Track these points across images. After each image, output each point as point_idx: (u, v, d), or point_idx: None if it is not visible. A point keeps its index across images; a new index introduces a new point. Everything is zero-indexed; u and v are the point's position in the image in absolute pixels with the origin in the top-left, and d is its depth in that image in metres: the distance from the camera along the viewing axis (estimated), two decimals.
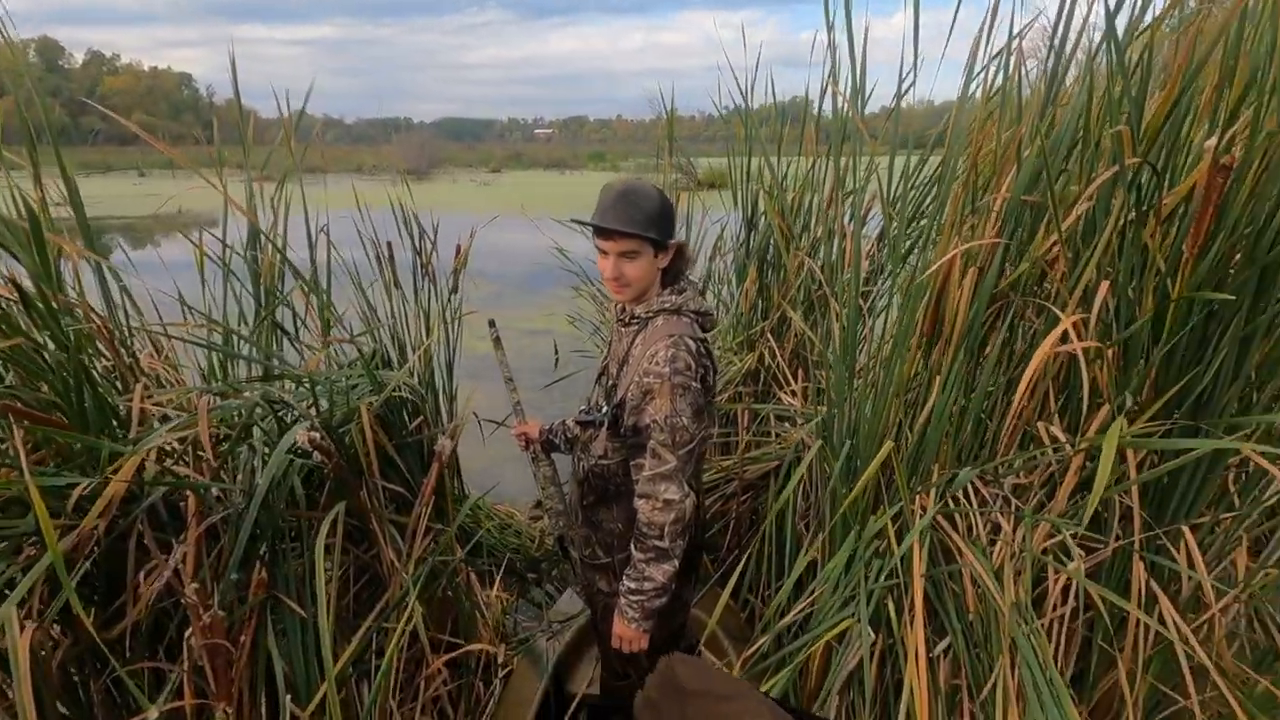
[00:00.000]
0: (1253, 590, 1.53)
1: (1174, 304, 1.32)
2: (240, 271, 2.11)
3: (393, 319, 2.32)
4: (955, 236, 1.66)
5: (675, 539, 1.39)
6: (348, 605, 1.81)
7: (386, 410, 1.85)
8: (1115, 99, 1.32)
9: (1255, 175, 1.26)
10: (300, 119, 2.32)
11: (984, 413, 1.72)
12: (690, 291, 1.47)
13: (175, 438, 1.31)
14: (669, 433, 1.35)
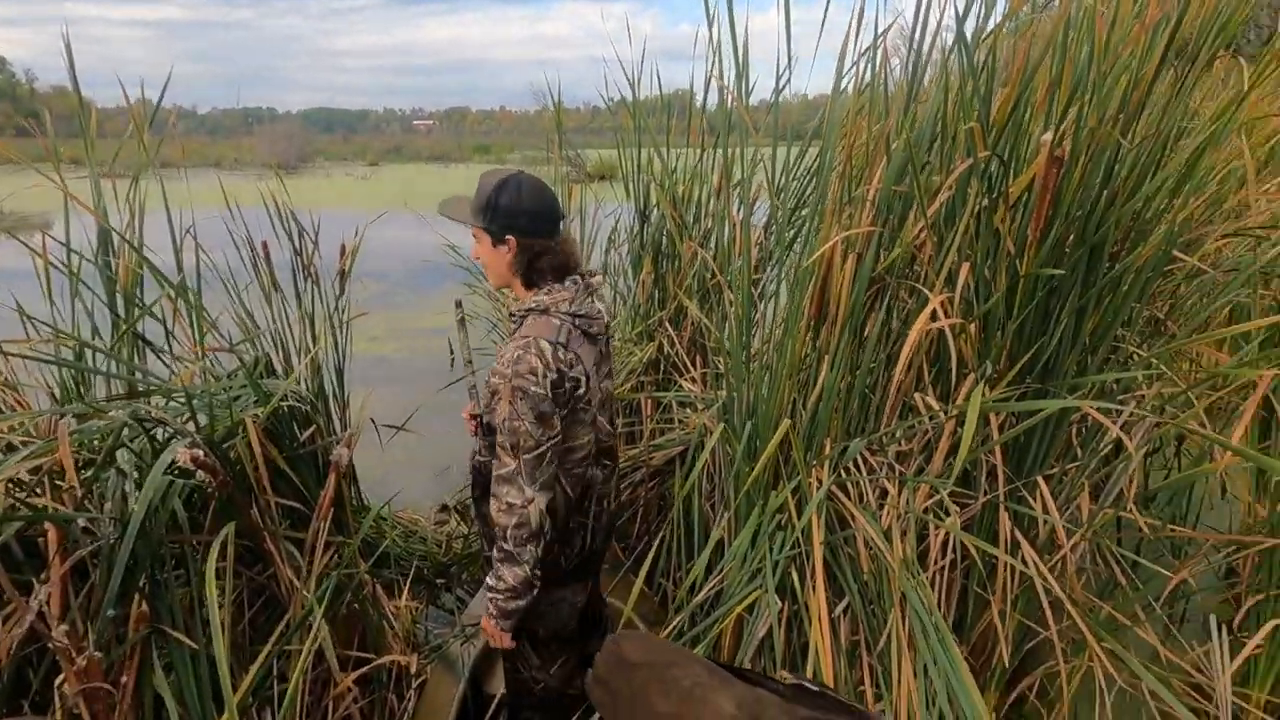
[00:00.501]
0: (1095, 529, 1.75)
1: (1022, 281, 1.48)
2: (90, 279, 1.91)
3: (274, 325, 2.18)
4: (835, 225, 1.78)
5: (520, 544, 1.40)
6: (243, 631, 1.70)
7: (274, 422, 1.75)
8: (967, 98, 1.46)
9: (1082, 166, 1.43)
10: (157, 110, 2.13)
11: (868, 388, 1.85)
12: (568, 292, 1.44)
13: (27, 468, 1.18)
14: (508, 435, 1.36)
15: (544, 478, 1.39)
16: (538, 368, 1.35)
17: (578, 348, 1.43)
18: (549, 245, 1.43)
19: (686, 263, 2.77)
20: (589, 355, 1.46)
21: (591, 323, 1.46)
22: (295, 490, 1.79)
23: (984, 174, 1.53)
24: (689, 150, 3.01)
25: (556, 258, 1.45)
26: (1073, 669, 1.77)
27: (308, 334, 2.26)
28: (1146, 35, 1.33)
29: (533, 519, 1.39)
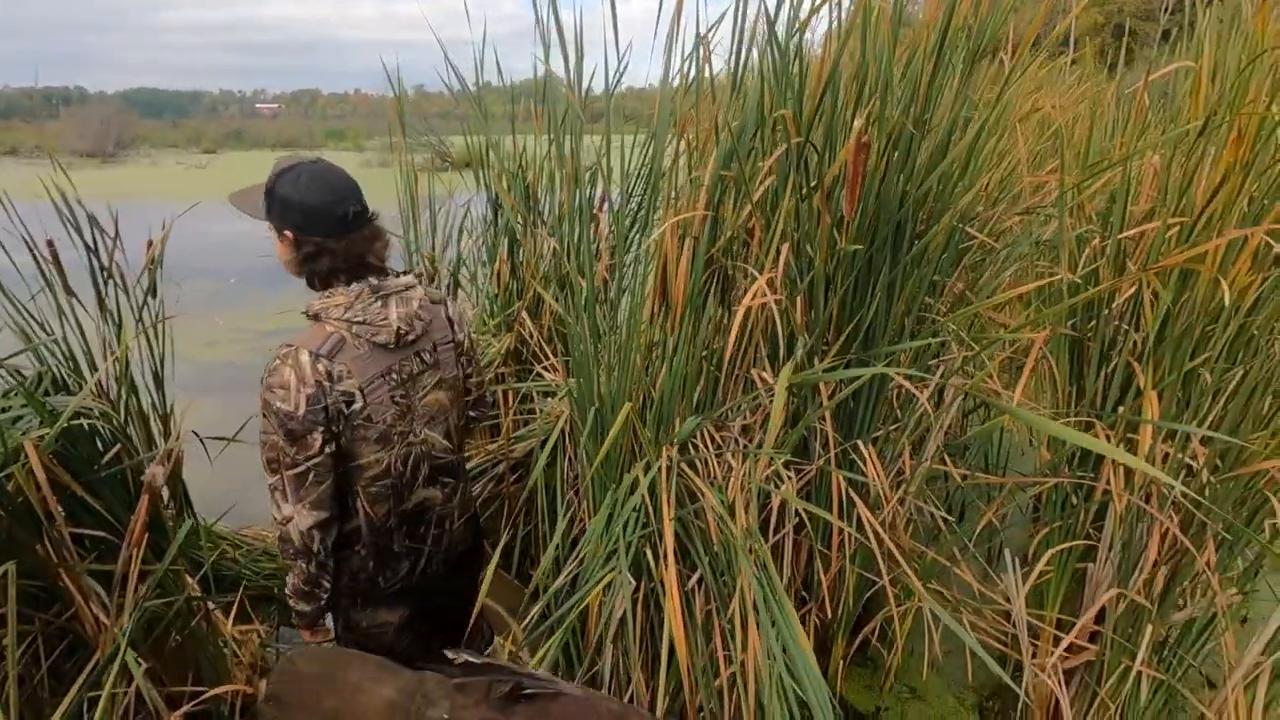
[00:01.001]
0: (917, 483, 1.93)
1: (839, 258, 1.59)
2: None
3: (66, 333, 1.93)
4: (671, 211, 1.82)
5: (290, 557, 1.39)
6: (42, 681, 1.51)
7: (68, 443, 1.55)
8: (781, 91, 1.54)
9: (883, 152, 1.55)
10: None
11: (714, 367, 1.93)
12: (346, 297, 1.33)
13: None
14: (264, 449, 1.32)
15: (311, 496, 1.33)
16: (290, 381, 1.28)
17: (350, 359, 1.32)
18: (326, 244, 1.31)
19: (533, 253, 2.74)
20: (371, 367, 1.34)
21: (377, 330, 1.34)
22: (100, 519, 1.60)
23: (802, 161, 1.62)
24: (537, 138, 2.97)
25: (336, 259, 1.33)
26: (905, 611, 1.95)
27: (112, 340, 2.02)
28: (931, 33, 1.46)
29: (293, 537, 1.34)
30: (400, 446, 1.43)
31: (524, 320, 2.79)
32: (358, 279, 1.35)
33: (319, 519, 1.35)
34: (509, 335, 2.82)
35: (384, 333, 1.35)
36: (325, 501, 1.35)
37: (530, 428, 2.57)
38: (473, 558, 1.72)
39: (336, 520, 1.41)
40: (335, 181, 1.32)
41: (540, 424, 2.52)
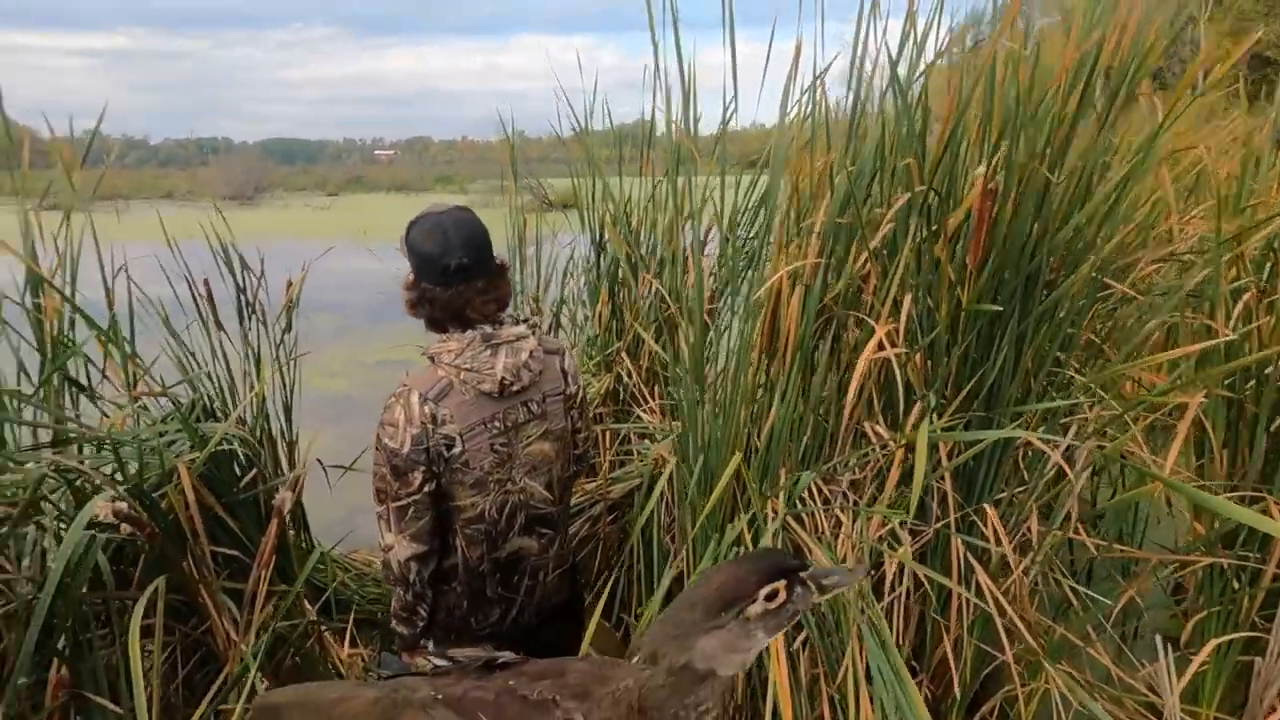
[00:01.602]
0: (1045, 552, 1.78)
1: (963, 311, 1.51)
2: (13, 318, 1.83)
3: (215, 364, 2.11)
4: (783, 257, 1.80)
5: (391, 583, 1.44)
6: (177, 690, 1.61)
7: (213, 467, 1.68)
8: (904, 136, 1.50)
9: (1014, 199, 1.48)
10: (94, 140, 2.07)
11: (821, 417, 1.87)
12: (457, 343, 1.37)
13: None
14: (374, 480, 1.38)
15: (411, 530, 1.37)
16: (399, 420, 1.33)
17: (454, 404, 1.35)
18: (430, 291, 1.37)
19: (641, 295, 2.78)
20: (473, 413, 1.37)
21: (483, 379, 1.36)
22: (235, 538, 1.72)
23: (923, 207, 1.57)
24: (643, 180, 3.04)
25: (435, 308, 1.38)
26: (1030, 692, 1.78)
27: (252, 373, 2.19)
28: (1067, 76, 1.39)
29: (394, 565, 1.39)
30: (497, 494, 1.44)
31: (623, 360, 2.82)
32: (470, 326, 1.39)
33: (417, 551, 1.39)
34: (608, 375, 2.85)
35: (488, 381, 1.37)
36: (424, 536, 1.39)
37: (628, 469, 2.56)
38: (566, 611, 1.69)
39: (435, 554, 1.44)
40: (450, 233, 1.37)
41: (638, 466, 2.52)
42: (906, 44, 1.60)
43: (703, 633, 0.42)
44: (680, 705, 0.42)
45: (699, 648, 0.42)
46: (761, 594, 0.43)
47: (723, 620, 0.42)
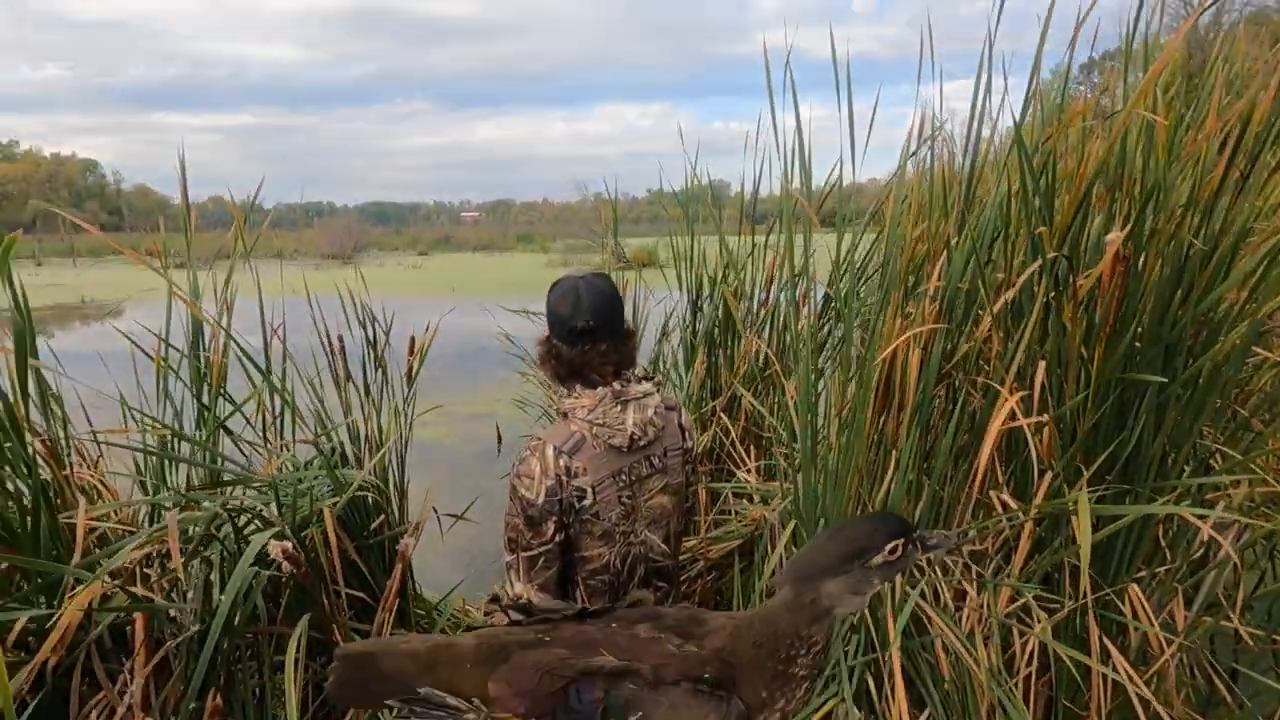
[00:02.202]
0: (1193, 639, 1.64)
1: (1095, 379, 1.47)
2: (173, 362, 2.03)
3: (346, 413, 2.26)
4: (898, 318, 1.80)
5: None
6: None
7: (348, 511, 1.79)
8: (1030, 200, 1.50)
9: (1151, 266, 1.44)
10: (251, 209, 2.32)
11: (936, 483, 1.82)
12: (589, 399, 1.44)
13: (138, 557, 1.23)
14: (506, 530, 1.42)
15: (540, 579, 1.42)
16: (535, 471, 1.39)
17: (587, 458, 1.41)
18: (557, 348, 1.47)
19: (743, 356, 2.81)
20: (604, 467, 1.42)
21: (614, 433, 1.42)
22: (362, 580, 1.80)
23: (1051, 272, 1.55)
24: (740, 239, 3.11)
25: (560, 365, 1.47)
26: None
27: (376, 423, 2.33)
28: (1207, 143, 1.37)
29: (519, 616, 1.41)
30: (621, 545, 1.49)
31: (720, 419, 2.84)
32: (589, 384, 1.47)
33: (545, 601, 1.42)
34: (705, 434, 2.87)
35: (619, 436, 1.44)
36: (551, 586, 1.44)
37: (726, 528, 2.55)
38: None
39: None
40: (582, 297, 1.46)
41: (737, 527, 2.50)
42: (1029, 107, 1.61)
43: (831, 576, 0.46)
44: (796, 635, 0.45)
45: (826, 588, 0.46)
46: (886, 548, 0.47)
47: (850, 567, 0.47)
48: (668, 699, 0.45)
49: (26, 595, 1.15)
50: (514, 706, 0.46)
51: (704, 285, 3.11)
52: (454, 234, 42.53)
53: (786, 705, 0.46)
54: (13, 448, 1.15)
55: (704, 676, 0.45)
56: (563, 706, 0.45)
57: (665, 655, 0.46)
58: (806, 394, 1.80)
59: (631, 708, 0.44)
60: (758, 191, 2.98)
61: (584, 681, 0.45)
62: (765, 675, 0.46)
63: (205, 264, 2.22)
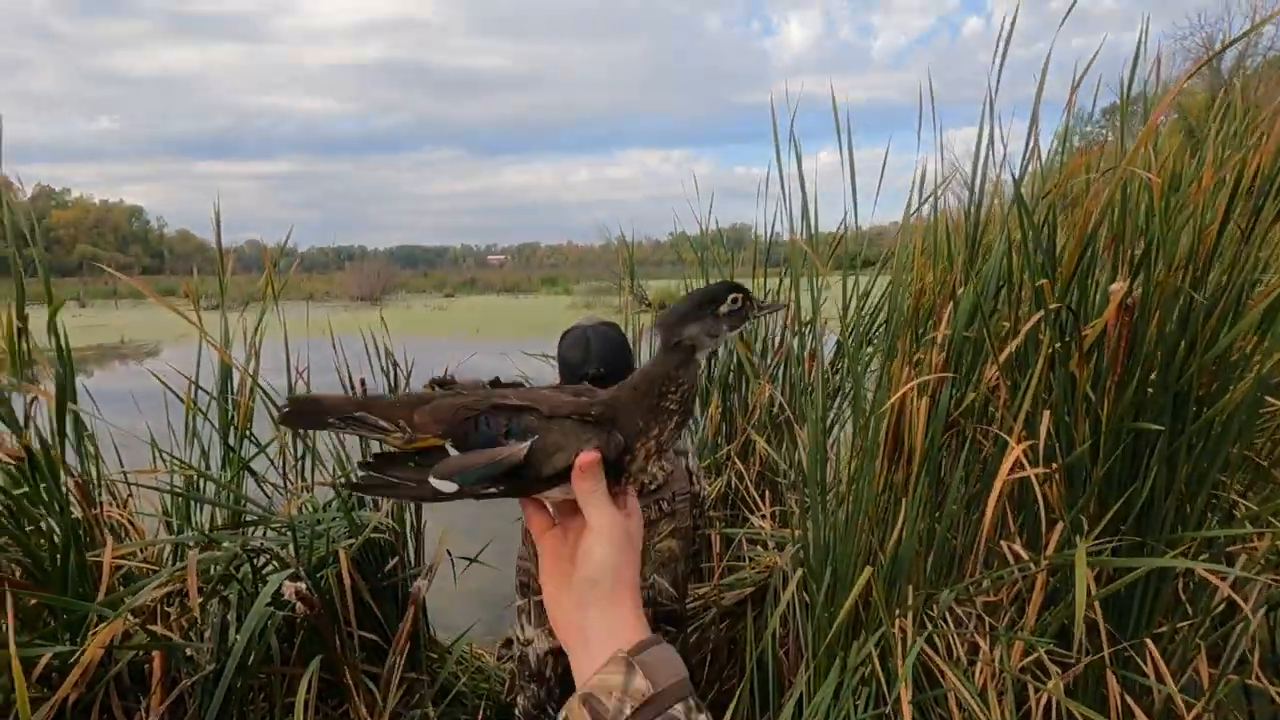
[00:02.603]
0: (1219, 699, 1.59)
1: (1105, 431, 1.46)
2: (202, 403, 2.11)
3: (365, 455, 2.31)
4: (906, 366, 1.81)
5: (525, 680, 1.46)
6: None
7: (363, 552, 1.82)
8: (1032, 255, 1.53)
9: (1156, 316, 1.45)
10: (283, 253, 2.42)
11: (948, 531, 1.80)
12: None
13: (158, 595, 1.27)
14: (518, 573, 1.45)
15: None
16: None
17: None
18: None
19: (756, 402, 2.82)
20: None
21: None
22: (375, 622, 1.82)
23: (1055, 322, 1.56)
24: (753, 283, 3.15)
25: None
26: None
27: None
28: (1204, 196, 1.39)
29: (531, 660, 1.42)
30: None
31: (734, 463, 2.84)
32: None
33: (554, 645, 1.43)
34: (719, 479, 2.87)
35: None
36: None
37: (739, 575, 2.52)
38: None
39: None
40: (591, 344, 1.51)
41: (750, 574, 2.48)
42: (1029, 162, 1.65)
43: (689, 321, 0.58)
44: (666, 376, 0.57)
45: (687, 330, 0.57)
46: (729, 297, 0.59)
47: (703, 313, 0.58)
48: (559, 427, 0.56)
49: (53, 631, 1.19)
50: (434, 429, 0.56)
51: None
52: (480, 276, 43.39)
53: (660, 434, 0.57)
54: (48, 487, 1.21)
55: (590, 413, 0.56)
56: (473, 431, 0.56)
57: (561, 401, 0.58)
58: (816, 443, 1.81)
59: (529, 433, 0.55)
60: (771, 236, 3.04)
61: (492, 413, 0.56)
62: (641, 410, 0.57)
63: (238, 306, 2.32)
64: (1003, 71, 1.63)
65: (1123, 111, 1.57)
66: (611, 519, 0.54)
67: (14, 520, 1.29)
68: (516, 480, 0.56)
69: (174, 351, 4.65)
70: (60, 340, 1.39)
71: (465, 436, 0.56)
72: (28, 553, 1.23)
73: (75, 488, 1.40)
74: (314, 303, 3.91)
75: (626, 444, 0.56)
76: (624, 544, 0.54)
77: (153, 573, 1.48)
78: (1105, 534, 1.60)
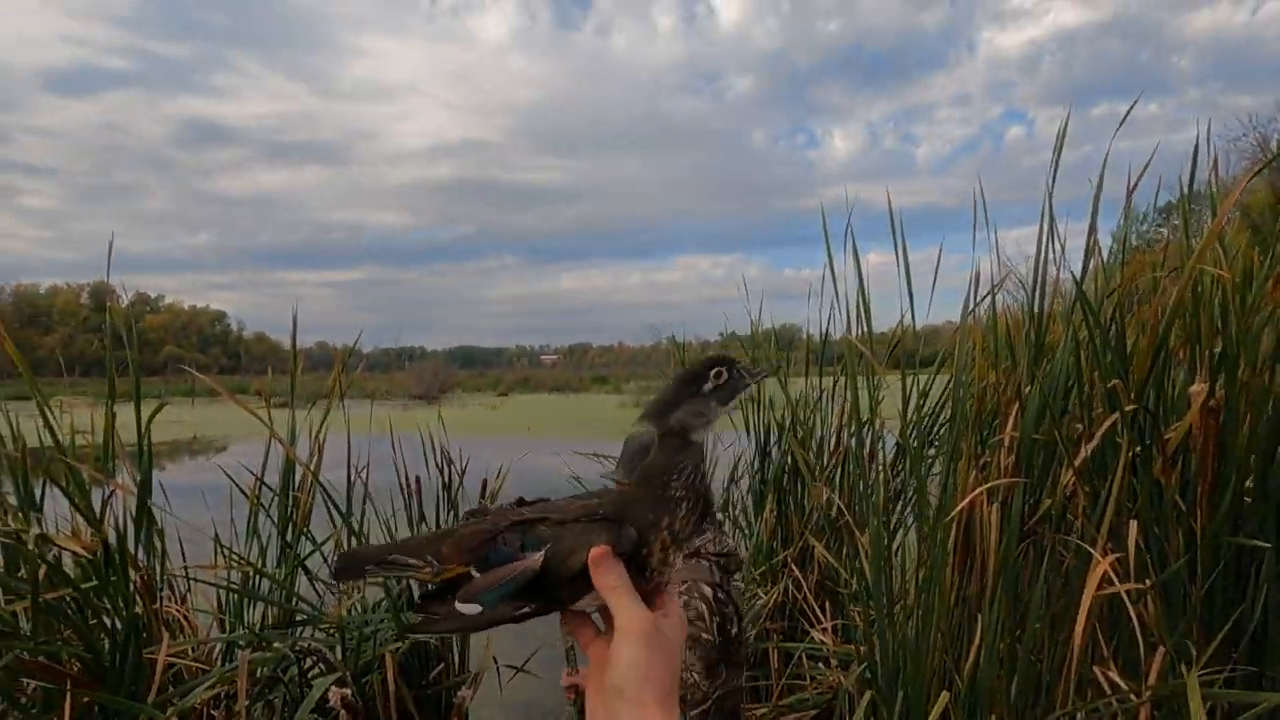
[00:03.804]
0: None
1: (1201, 544, 1.35)
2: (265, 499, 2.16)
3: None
4: (972, 469, 1.73)
5: None
6: None
7: (409, 656, 1.78)
8: (1101, 354, 1.48)
9: (1247, 418, 1.36)
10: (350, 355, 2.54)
11: (1031, 653, 1.65)
12: (710, 532, 1.48)
13: (207, 696, 1.26)
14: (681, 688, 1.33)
15: None
16: (705, 615, 1.35)
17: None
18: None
19: (813, 505, 2.72)
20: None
21: (734, 560, 1.49)
22: None
23: (1132, 424, 1.48)
24: (807, 383, 3.11)
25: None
26: None
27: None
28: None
29: None
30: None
31: (792, 570, 2.71)
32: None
33: None
34: (775, 587, 2.73)
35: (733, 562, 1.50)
36: None
37: (799, 695, 2.34)
38: None
39: None
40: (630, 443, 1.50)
41: (812, 694, 2.30)
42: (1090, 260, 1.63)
43: (674, 407, 0.58)
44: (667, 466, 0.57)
45: (675, 417, 0.57)
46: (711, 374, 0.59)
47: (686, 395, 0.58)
48: (570, 530, 0.56)
49: None
50: (458, 559, 0.57)
51: (772, 430, 3.09)
52: (533, 376, 44.39)
53: (672, 524, 0.56)
54: (117, 582, 1.24)
55: (597, 512, 0.57)
56: (492, 553, 0.56)
57: (572, 507, 0.58)
58: (879, 550, 1.72)
59: (542, 542, 0.56)
60: (825, 337, 3.03)
61: (508, 531, 0.57)
62: (648, 502, 0.57)
63: (305, 404, 2.42)
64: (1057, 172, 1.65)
65: (1184, 209, 1.55)
66: (637, 616, 0.52)
67: (80, 614, 1.32)
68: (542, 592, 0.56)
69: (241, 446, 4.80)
70: (146, 440, 1.46)
71: (486, 559, 0.57)
72: (89, 648, 1.25)
73: (140, 581, 1.43)
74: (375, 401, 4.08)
75: (640, 537, 0.56)
76: (652, 642, 0.51)
77: (202, 671, 1.48)
78: (1214, 662, 1.43)
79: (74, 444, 1.71)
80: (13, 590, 1.34)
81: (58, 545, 1.28)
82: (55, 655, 1.28)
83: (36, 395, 1.59)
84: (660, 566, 0.57)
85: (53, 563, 1.32)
